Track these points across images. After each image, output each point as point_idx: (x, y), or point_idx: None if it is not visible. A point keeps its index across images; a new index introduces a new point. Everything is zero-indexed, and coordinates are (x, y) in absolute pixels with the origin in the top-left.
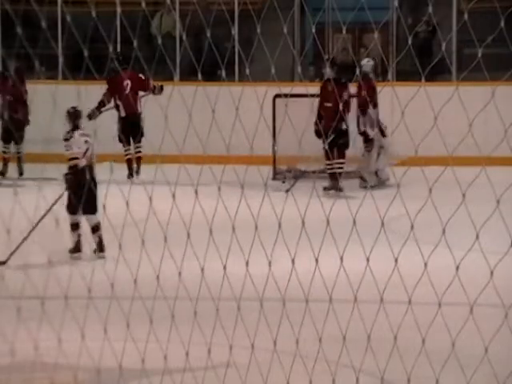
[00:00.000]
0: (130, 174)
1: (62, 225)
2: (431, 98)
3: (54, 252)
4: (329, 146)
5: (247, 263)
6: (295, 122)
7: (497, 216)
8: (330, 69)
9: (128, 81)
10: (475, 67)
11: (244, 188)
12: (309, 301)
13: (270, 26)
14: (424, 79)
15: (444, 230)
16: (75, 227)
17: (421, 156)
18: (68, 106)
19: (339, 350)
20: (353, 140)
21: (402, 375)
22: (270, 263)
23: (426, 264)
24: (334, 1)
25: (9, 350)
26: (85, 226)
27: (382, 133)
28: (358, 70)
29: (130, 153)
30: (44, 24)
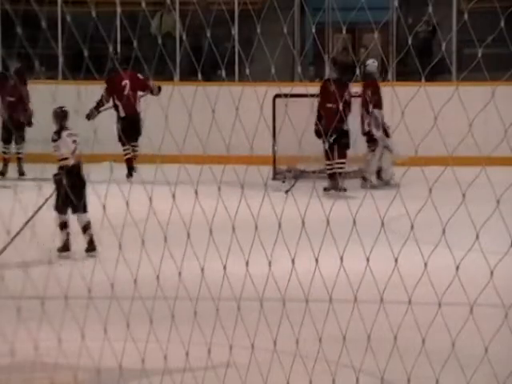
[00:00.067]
0: (130, 173)
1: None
2: (431, 98)
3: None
4: (329, 146)
5: (247, 263)
6: (295, 122)
7: (497, 216)
8: (331, 69)
9: (127, 81)
10: (475, 67)
11: (244, 188)
12: (309, 301)
13: (270, 26)
14: (424, 79)
15: (444, 230)
16: (63, 226)
17: (421, 156)
18: (68, 106)
19: (339, 350)
20: (353, 140)
21: (402, 375)
22: (270, 263)
23: (426, 264)
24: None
25: (9, 350)
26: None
27: (386, 133)
28: (363, 70)
29: (129, 152)
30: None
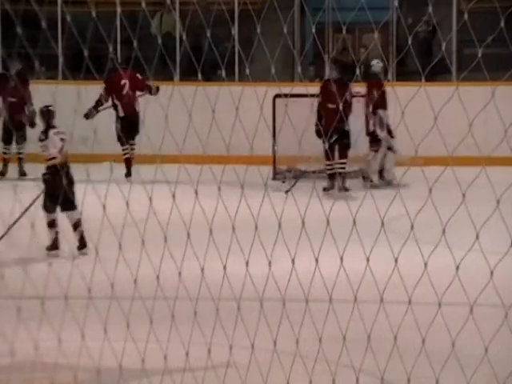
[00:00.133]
0: (129, 173)
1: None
2: (431, 98)
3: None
4: (329, 146)
5: (247, 263)
6: (295, 122)
7: (497, 216)
8: (331, 69)
9: (126, 80)
10: (475, 67)
11: (244, 188)
12: (309, 301)
13: (270, 26)
14: (424, 79)
15: (444, 230)
16: (52, 225)
17: (421, 156)
18: (68, 106)
19: (339, 350)
20: (354, 140)
21: (402, 375)
22: (270, 263)
23: (426, 264)
24: (333, 1)
25: (9, 350)
26: (64, 223)
27: (390, 134)
28: (365, 70)
29: (128, 152)
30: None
